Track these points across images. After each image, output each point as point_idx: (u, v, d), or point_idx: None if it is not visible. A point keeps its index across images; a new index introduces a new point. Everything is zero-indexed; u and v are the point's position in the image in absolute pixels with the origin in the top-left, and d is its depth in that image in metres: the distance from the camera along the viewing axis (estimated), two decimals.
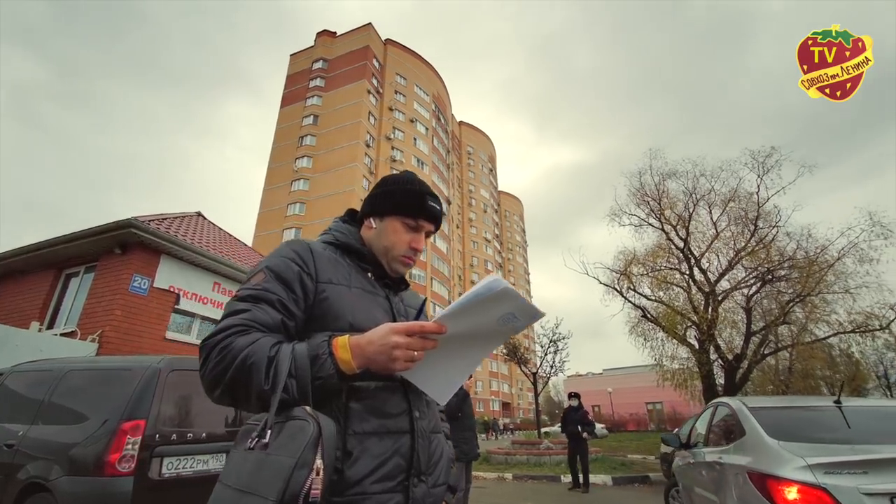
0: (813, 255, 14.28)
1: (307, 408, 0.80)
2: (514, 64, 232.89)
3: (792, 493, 2.32)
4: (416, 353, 0.85)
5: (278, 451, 0.74)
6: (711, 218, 16.63)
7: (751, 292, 15.39)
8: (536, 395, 19.05)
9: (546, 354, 18.66)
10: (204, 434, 3.55)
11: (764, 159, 15.25)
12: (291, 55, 52.27)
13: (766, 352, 15.26)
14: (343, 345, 0.85)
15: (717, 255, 16.60)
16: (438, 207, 1.13)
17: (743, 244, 15.55)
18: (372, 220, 1.13)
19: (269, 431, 0.76)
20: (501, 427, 42.76)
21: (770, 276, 14.68)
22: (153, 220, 8.83)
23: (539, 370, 18.90)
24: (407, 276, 1.22)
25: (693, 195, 16.76)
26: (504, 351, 20.72)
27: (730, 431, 3.32)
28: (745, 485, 2.65)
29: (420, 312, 1.04)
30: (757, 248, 15.17)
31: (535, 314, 0.87)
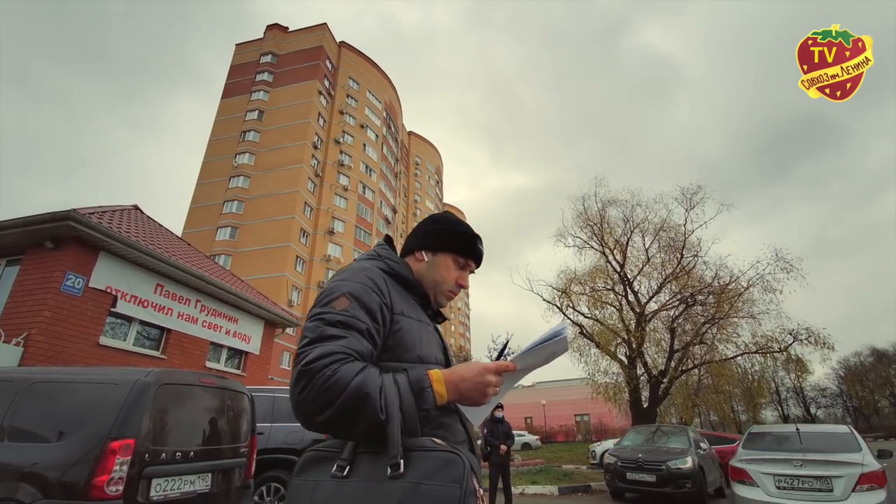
0: (726, 283, 16.16)
1: (437, 440, 0.85)
2: (468, 93, 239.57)
3: (733, 471, 5.38)
4: (497, 388, 0.96)
5: (427, 479, 0.78)
6: (644, 244, 18.18)
7: (674, 314, 17.00)
8: None
9: None
10: (192, 453, 3.37)
11: (691, 196, 17.10)
12: (237, 45, 49.50)
13: (684, 368, 16.86)
14: (439, 379, 0.91)
15: (648, 279, 18.15)
16: (483, 251, 1.24)
17: (670, 270, 17.18)
18: (424, 253, 1.18)
19: (402, 462, 0.79)
20: None
21: (692, 301, 16.32)
22: (93, 214, 8.01)
23: None
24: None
25: (630, 222, 18.22)
26: None
27: None
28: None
29: (502, 352, 1.13)
30: (681, 274, 16.87)
31: (565, 349, 1.05)
